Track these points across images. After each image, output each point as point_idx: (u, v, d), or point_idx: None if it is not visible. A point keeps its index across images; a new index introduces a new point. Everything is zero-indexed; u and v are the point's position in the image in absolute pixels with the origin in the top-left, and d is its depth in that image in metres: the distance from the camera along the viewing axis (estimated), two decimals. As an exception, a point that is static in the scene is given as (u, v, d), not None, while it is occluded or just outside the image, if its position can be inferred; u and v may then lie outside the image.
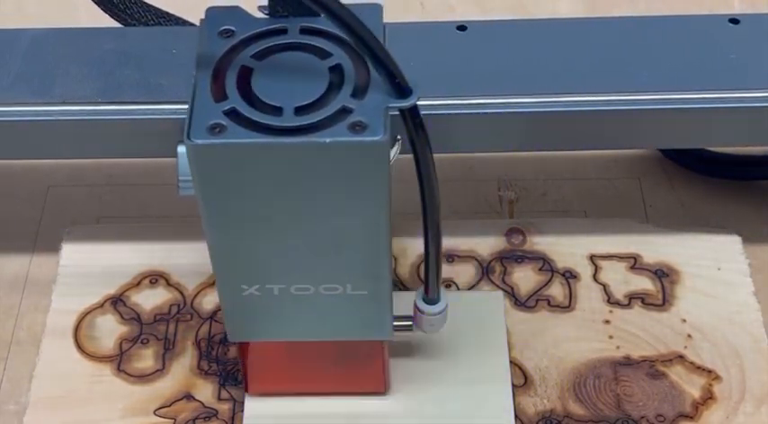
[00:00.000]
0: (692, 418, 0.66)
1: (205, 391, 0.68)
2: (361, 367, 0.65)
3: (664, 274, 0.73)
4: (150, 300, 0.72)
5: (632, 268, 0.73)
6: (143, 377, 0.69)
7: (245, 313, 0.60)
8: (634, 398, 0.67)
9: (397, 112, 0.52)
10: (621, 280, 0.73)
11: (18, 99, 0.66)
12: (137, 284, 0.73)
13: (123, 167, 0.83)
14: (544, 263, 0.73)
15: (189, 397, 0.68)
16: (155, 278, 0.73)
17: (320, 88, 0.53)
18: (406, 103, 0.52)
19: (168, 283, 0.73)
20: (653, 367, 0.68)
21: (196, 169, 0.53)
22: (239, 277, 0.58)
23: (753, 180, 0.81)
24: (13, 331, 0.73)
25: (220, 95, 0.53)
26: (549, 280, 0.73)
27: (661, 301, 0.72)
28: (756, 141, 0.69)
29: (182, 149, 0.55)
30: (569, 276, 0.73)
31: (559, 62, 0.67)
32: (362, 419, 0.66)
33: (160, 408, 0.67)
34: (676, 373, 0.68)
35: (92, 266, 0.74)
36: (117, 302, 0.72)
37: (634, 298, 0.72)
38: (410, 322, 0.63)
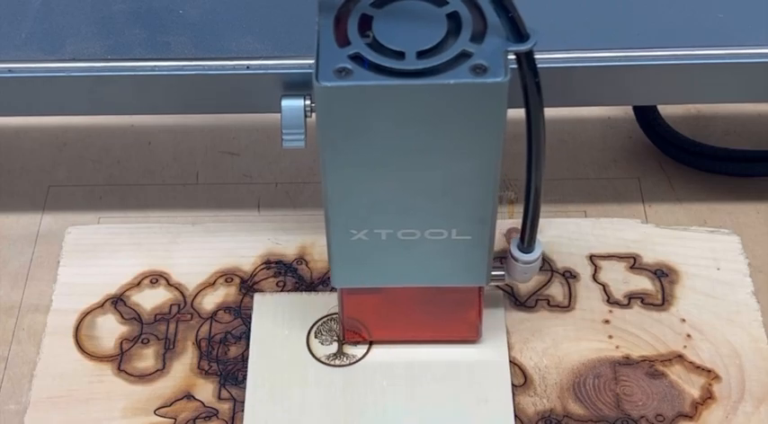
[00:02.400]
0: (691, 417, 0.66)
1: (205, 390, 0.68)
2: (455, 315, 0.67)
3: (663, 274, 0.73)
4: (150, 300, 0.72)
5: (632, 268, 0.73)
6: (143, 377, 0.69)
7: (351, 259, 0.62)
8: (633, 398, 0.67)
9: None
10: (621, 280, 0.73)
11: (30, 56, 0.67)
12: (137, 284, 0.73)
13: (123, 167, 0.83)
14: (544, 263, 0.73)
15: (189, 397, 0.68)
16: (155, 277, 0.73)
17: (439, 33, 0.55)
18: (524, 47, 0.54)
19: (168, 283, 0.73)
20: (652, 367, 0.68)
21: (322, 111, 0.55)
22: (350, 222, 0.60)
23: (752, 176, 0.81)
24: (13, 331, 0.73)
25: (344, 41, 0.55)
26: (549, 280, 0.73)
27: (660, 301, 0.72)
28: (743, 97, 0.71)
29: (286, 102, 0.60)
30: (569, 276, 0.73)
31: (550, 19, 0.68)
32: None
33: (160, 407, 0.67)
34: (676, 372, 0.68)
35: (92, 266, 0.74)
36: (117, 302, 0.72)
37: (633, 298, 0.72)
38: (502, 272, 0.65)
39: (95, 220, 0.79)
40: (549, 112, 0.59)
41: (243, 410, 0.67)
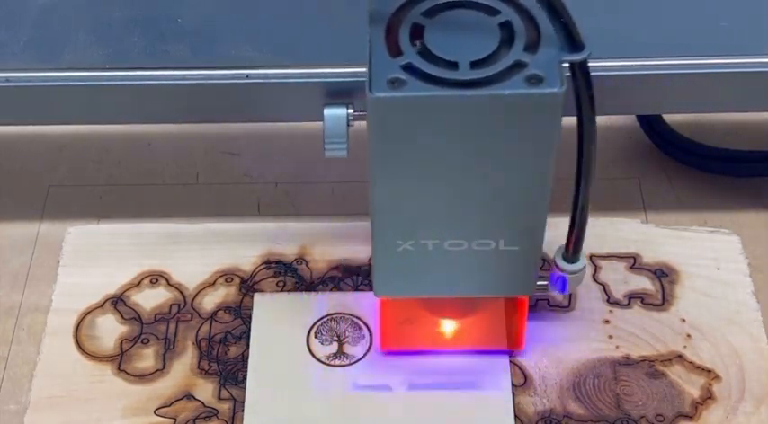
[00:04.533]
0: (691, 417, 0.66)
1: (205, 390, 0.68)
2: (498, 325, 0.67)
3: (663, 274, 0.73)
4: (150, 300, 0.72)
5: (632, 267, 0.73)
6: (143, 377, 0.69)
7: (395, 270, 0.62)
8: (633, 398, 0.67)
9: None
10: (621, 280, 0.73)
11: (28, 65, 0.67)
12: (137, 284, 0.73)
13: (123, 167, 0.83)
14: (544, 263, 0.73)
15: (189, 397, 0.68)
16: (155, 277, 0.73)
17: (492, 43, 0.55)
18: (578, 57, 0.54)
19: (168, 283, 0.73)
20: (652, 367, 0.68)
21: (375, 122, 0.55)
22: (397, 232, 0.60)
23: (752, 176, 0.81)
24: (13, 331, 0.73)
25: (396, 51, 0.55)
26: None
27: (660, 301, 0.72)
28: (747, 107, 0.71)
29: (329, 111, 0.60)
30: (569, 276, 0.73)
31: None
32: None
33: (160, 407, 0.67)
34: (676, 372, 0.68)
35: (92, 266, 0.74)
36: (117, 301, 0.72)
37: (633, 298, 0.72)
38: (546, 282, 0.65)
39: (95, 220, 0.79)
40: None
41: (243, 410, 0.67)
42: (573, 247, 0.63)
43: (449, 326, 0.68)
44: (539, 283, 0.64)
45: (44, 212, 0.80)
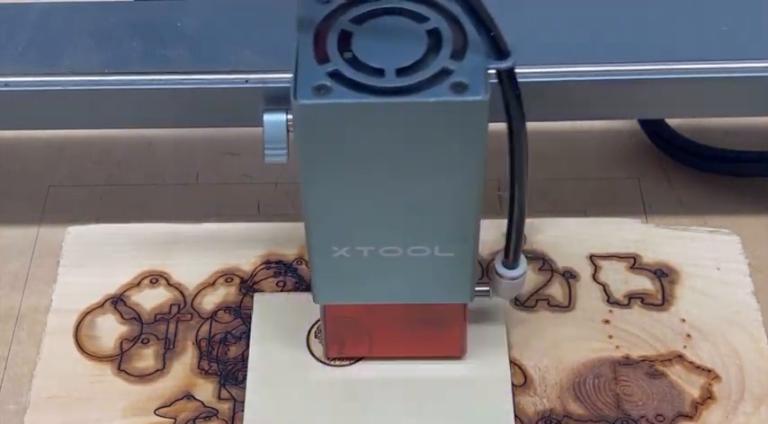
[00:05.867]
0: (691, 417, 0.66)
1: (205, 390, 0.68)
2: (438, 332, 0.66)
3: (663, 274, 0.73)
4: (150, 300, 0.72)
5: (632, 268, 0.73)
6: (143, 377, 0.69)
7: (333, 276, 0.62)
8: (633, 398, 0.67)
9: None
10: (621, 280, 0.73)
11: (27, 70, 0.67)
12: (137, 284, 0.73)
13: (123, 167, 0.83)
14: (544, 263, 0.73)
15: (189, 397, 0.68)
16: (155, 277, 0.73)
17: (419, 50, 0.55)
18: (504, 64, 0.53)
19: (168, 283, 0.73)
20: (652, 367, 0.68)
21: (301, 129, 0.55)
22: (331, 238, 0.60)
23: (752, 177, 0.81)
24: (13, 331, 0.73)
25: (323, 58, 0.55)
26: (549, 280, 0.73)
27: (660, 301, 0.72)
28: (748, 111, 0.71)
29: (268, 117, 0.60)
30: (569, 276, 0.73)
31: (553, 33, 0.68)
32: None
33: (160, 407, 0.67)
34: (676, 372, 0.68)
35: (92, 266, 0.74)
36: (117, 301, 0.72)
37: (633, 298, 0.72)
38: (487, 288, 0.65)
39: (95, 220, 0.79)
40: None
41: (243, 410, 0.67)
42: (512, 253, 0.63)
43: (392, 333, 0.67)
44: (480, 288, 0.64)
45: (44, 212, 0.80)
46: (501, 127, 0.56)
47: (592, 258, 0.74)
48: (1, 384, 0.71)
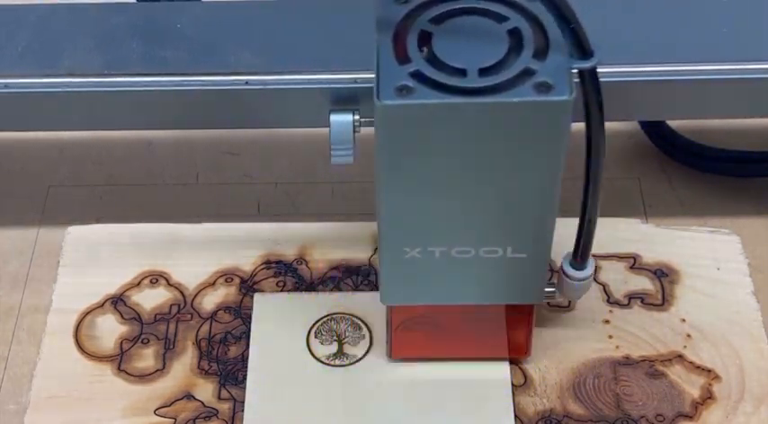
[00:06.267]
0: (691, 417, 0.66)
1: (205, 390, 0.68)
2: (505, 332, 0.66)
3: (663, 274, 0.73)
4: (150, 300, 0.72)
5: (632, 267, 0.73)
6: (143, 377, 0.69)
7: (403, 277, 0.61)
8: (633, 398, 0.67)
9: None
10: (621, 280, 0.73)
11: (26, 71, 0.67)
12: (137, 284, 0.73)
13: (123, 167, 0.83)
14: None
15: (189, 397, 0.68)
16: (155, 277, 0.73)
17: (501, 50, 0.54)
18: (587, 64, 0.53)
19: (168, 283, 0.73)
20: (652, 367, 0.68)
21: (383, 129, 0.54)
22: (404, 239, 0.59)
23: (752, 177, 0.81)
24: (13, 331, 0.73)
25: (404, 58, 0.54)
26: (549, 280, 0.73)
27: (660, 301, 0.72)
28: (748, 113, 0.71)
29: (335, 117, 0.60)
30: (569, 276, 0.73)
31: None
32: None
33: (160, 407, 0.67)
34: (676, 372, 0.68)
35: (92, 266, 0.74)
36: (117, 301, 0.72)
37: (633, 298, 0.72)
38: (553, 289, 0.64)
39: (95, 220, 0.79)
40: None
41: (243, 410, 0.67)
42: (581, 254, 0.63)
43: (456, 334, 0.67)
44: (546, 290, 0.64)
45: (44, 212, 0.80)
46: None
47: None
48: (1, 384, 0.71)
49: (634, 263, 0.73)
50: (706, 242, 0.74)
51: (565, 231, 0.75)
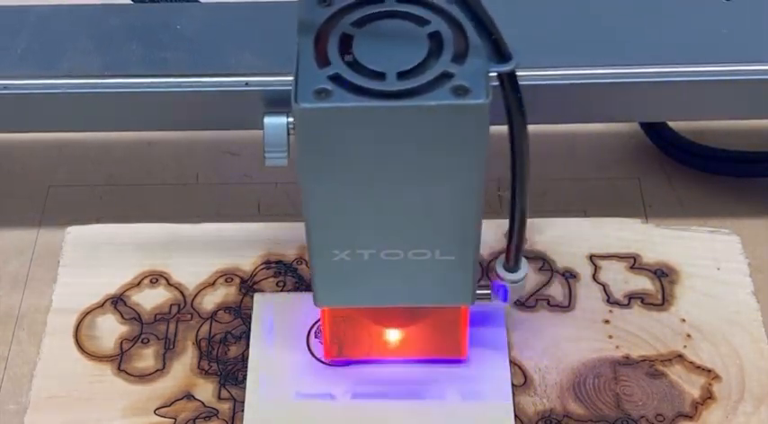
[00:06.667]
0: (691, 417, 0.66)
1: (205, 390, 0.68)
2: (439, 334, 0.66)
3: (663, 274, 0.73)
4: (150, 300, 0.72)
5: (632, 267, 0.73)
6: (143, 377, 0.69)
7: (334, 279, 0.62)
8: (633, 397, 0.67)
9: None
10: (621, 280, 0.73)
11: (25, 73, 0.67)
12: (137, 284, 0.73)
13: (123, 167, 0.83)
14: (544, 263, 0.73)
15: (189, 397, 0.68)
16: (155, 277, 0.73)
17: (420, 54, 0.54)
18: (506, 68, 0.53)
19: (168, 283, 0.73)
20: (652, 367, 0.68)
21: (301, 133, 0.54)
22: (332, 242, 0.59)
23: (752, 177, 0.81)
24: (13, 331, 0.73)
25: (323, 61, 0.54)
26: (549, 280, 0.73)
27: (660, 301, 0.72)
28: (748, 114, 0.71)
29: (269, 120, 0.59)
30: (569, 276, 0.73)
31: (555, 36, 0.69)
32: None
33: (160, 407, 0.67)
34: (676, 372, 0.68)
35: (92, 266, 0.74)
36: (117, 301, 0.72)
37: (634, 298, 0.72)
38: (488, 291, 0.65)
39: (95, 220, 0.79)
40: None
41: (243, 410, 0.67)
42: (513, 256, 0.63)
43: (393, 335, 0.67)
44: (481, 292, 0.64)
45: (44, 212, 0.80)
46: (502, 127, 0.56)
47: (592, 258, 0.74)
48: (1, 384, 0.71)
49: (634, 263, 0.73)
50: (706, 242, 0.74)
51: (564, 231, 0.76)
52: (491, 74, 0.53)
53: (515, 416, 0.66)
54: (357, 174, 0.56)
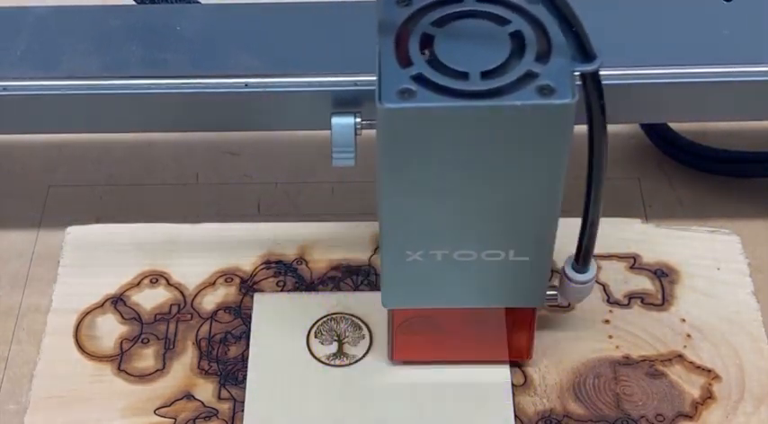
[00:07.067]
0: (691, 417, 0.66)
1: (205, 390, 0.68)
2: (506, 335, 0.66)
3: (663, 274, 0.73)
4: (150, 300, 0.72)
5: (632, 267, 0.73)
6: (143, 377, 0.69)
7: (404, 280, 0.61)
8: (633, 397, 0.67)
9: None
10: (621, 280, 0.73)
11: (25, 74, 0.67)
12: (137, 284, 0.73)
13: (123, 167, 0.83)
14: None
15: (189, 397, 0.68)
16: (155, 277, 0.73)
17: (503, 53, 0.54)
18: (590, 67, 0.53)
19: (168, 283, 0.73)
20: (652, 367, 0.68)
21: (385, 133, 0.54)
22: (406, 242, 0.59)
23: (752, 177, 0.81)
24: (13, 331, 0.73)
25: (405, 61, 0.54)
26: (549, 280, 0.72)
27: (660, 301, 0.72)
28: (748, 116, 0.70)
29: (336, 120, 0.59)
30: (569, 276, 0.73)
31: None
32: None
33: (160, 407, 0.67)
34: (676, 372, 0.68)
35: (92, 266, 0.74)
36: (117, 301, 0.72)
37: (633, 298, 0.72)
38: (555, 292, 0.65)
39: (95, 220, 0.79)
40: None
41: (243, 410, 0.67)
42: (582, 257, 0.62)
43: (457, 337, 0.67)
44: (549, 293, 0.64)
45: (44, 212, 0.80)
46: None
47: (592, 258, 0.74)
48: (1, 384, 0.71)
49: (634, 263, 0.73)
50: (706, 242, 0.74)
51: (564, 231, 0.76)
52: (575, 73, 0.53)
53: (515, 416, 0.66)
54: (438, 174, 0.56)
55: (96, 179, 0.83)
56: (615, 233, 0.75)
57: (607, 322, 0.71)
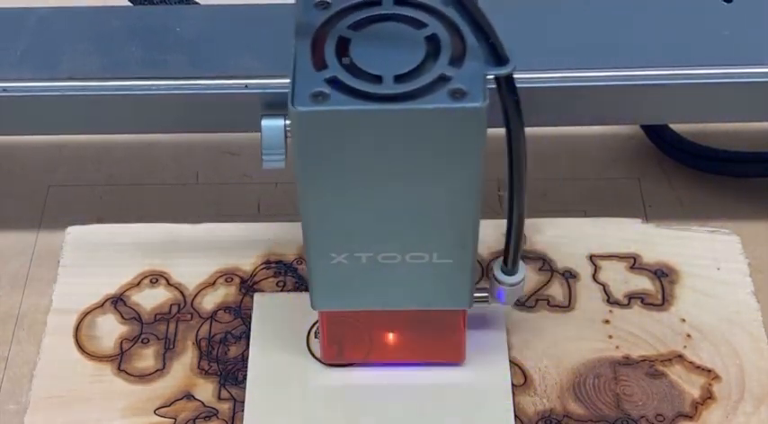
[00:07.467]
0: (691, 417, 0.66)
1: (205, 390, 0.68)
2: (437, 338, 0.66)
3: (663, 274, 0.73)
4: (150, 300, 0.72)
5: (632, 267, 0.73)
6: (143, 377, 0.69)
7: (331, 283, 0.61)
8: (633, 398, 0.67)
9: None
10: (621, 280, 0.73)
11: (25, 75, 0.67)
12: (137, 284, 0.73)
13: (123, 167, 0.83)
14: (544, 263, 0.73)
15: (189, 397, 0.68)
16: (155, 277, 0.73)
17: (418, 57, 0.54)
18: (503, 71, 0.53)
19: (168, 283, 0.73)
20: (652, 367, 0.68)
21: (298, 136, 0.54)
22: (329, 245, 0.59)
23: (752, 177, 0.81)
24: (13, 331, 0.73)
25: (320, 64, 0.54)
26: (549, 280, 0.73)
27: (660, 301, 0.72)
28: (749, 117, 0.70)
29: (266, 122, 0.58)
30: (569, 276, 0.73)
31: (555, 38, 0.69)
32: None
33: (160, 407, 0.67)
34: (676, 372, 0.68)
35: (92, 266, 0.74)
36: (117, 301, 0.72)
37: (633, 298, 0.72)
38: (486, 294, 0.64)
39: (95, 220, 0.79)
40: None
41: (243, 410, 0.67)
42: (510, 259, 0.62)
43: (391, 339, 0.67)
44: (479, 294, 0.64)
45: (44, 212, 0.80)
46: (501, 129, 0.56)
47: (592, 258, 0.74)
48: (1, 384, 0.71)
49: (634, 263, 0.73)
50: (706, 242, 0.74)
51: (564, 231, 0.76)
52: (488, 77, 0.53)
53: (515, 416, 0.66)
54: (354, 177, 0.56)
55: (96, 179, 0.83)
56: (615, 233, 0.75)
57: (607, 322, 0.71)
